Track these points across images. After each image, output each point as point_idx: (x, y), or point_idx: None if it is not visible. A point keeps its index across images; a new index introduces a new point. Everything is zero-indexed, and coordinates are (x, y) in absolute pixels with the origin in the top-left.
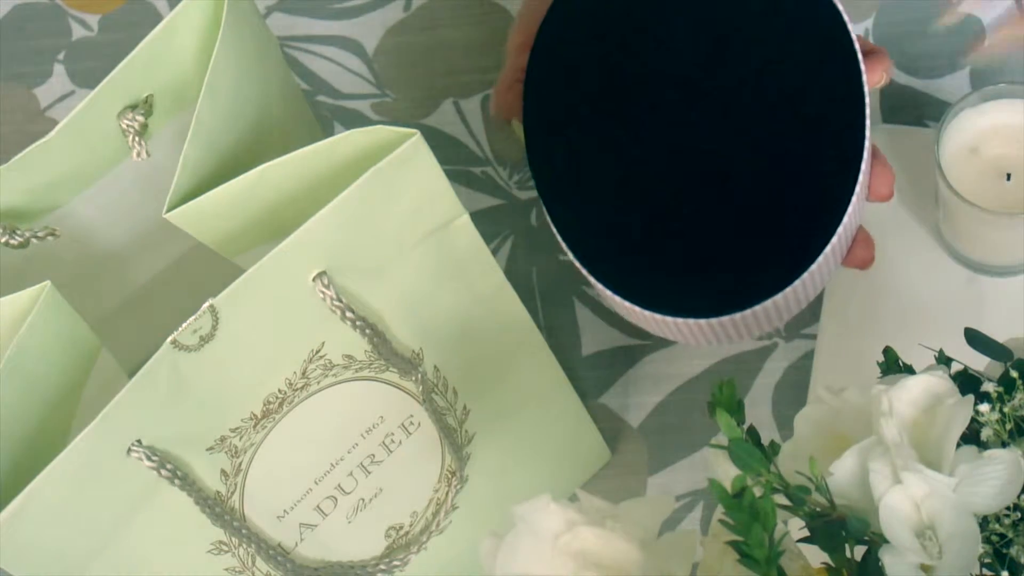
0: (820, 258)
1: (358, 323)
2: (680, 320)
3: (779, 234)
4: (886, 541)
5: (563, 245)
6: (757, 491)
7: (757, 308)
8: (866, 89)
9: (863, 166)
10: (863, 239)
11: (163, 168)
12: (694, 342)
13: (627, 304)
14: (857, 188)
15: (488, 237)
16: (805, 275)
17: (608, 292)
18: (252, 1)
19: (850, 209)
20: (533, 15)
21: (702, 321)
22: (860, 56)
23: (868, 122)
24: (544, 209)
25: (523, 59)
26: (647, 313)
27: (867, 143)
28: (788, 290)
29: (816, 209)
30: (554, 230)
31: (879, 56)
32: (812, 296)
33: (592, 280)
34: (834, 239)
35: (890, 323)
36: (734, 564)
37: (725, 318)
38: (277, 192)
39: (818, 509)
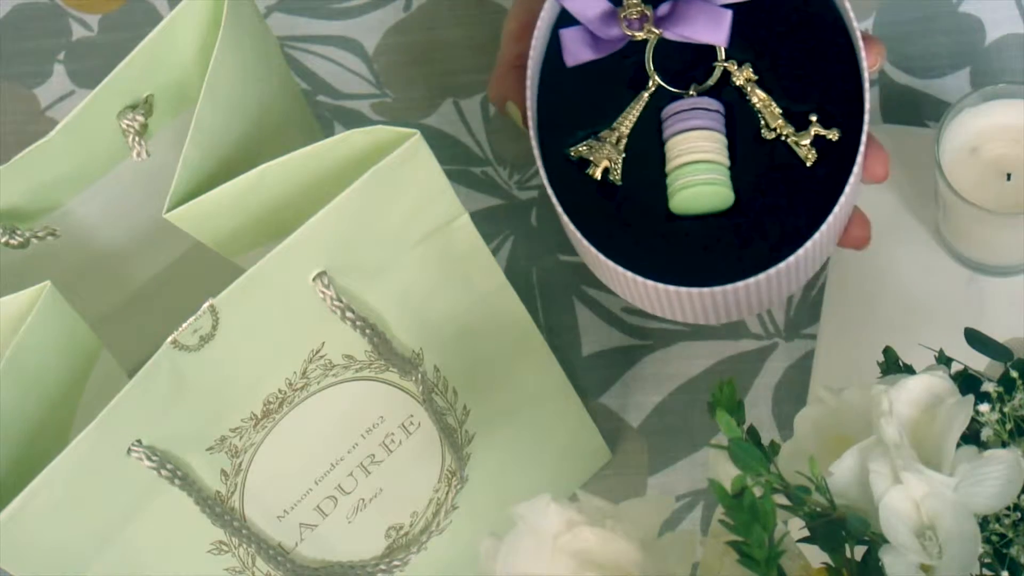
0: (816, 235)
1: (358, 323)
2: (672, 289)
3: (777, 211)
4: (886, 541)
5: (559, 208)
6: (757, 491)
7: (750, 282)
8: (866, 73)
9: (861, 147)
10: (859, 219)
11: (163, 168)
12: (692, 318)
13: (628, 274)
14: (855, 168)
15: (488, 237)
16: (800, 251)
17: (610, 263)
18: (252, 1)
19: (847, 189)
20: (528, 1)
21: (695, 291)
22: (860, 41)
23: (868, 104)
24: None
25: (520, 45)
26: (639, 280)
27: (866, 125)
28: (782, 265)
29: (814, 188)
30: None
31: (874, 42)
32: (808, 276)
33: (586, 244)
34: (830, 217)
35: (890, 323)
36: (734, 564)
37: (719, 289)
38: (277, 192)
39: (818, 509)
